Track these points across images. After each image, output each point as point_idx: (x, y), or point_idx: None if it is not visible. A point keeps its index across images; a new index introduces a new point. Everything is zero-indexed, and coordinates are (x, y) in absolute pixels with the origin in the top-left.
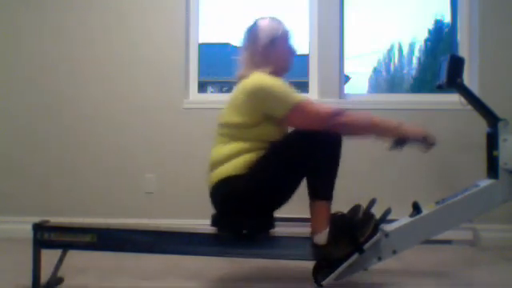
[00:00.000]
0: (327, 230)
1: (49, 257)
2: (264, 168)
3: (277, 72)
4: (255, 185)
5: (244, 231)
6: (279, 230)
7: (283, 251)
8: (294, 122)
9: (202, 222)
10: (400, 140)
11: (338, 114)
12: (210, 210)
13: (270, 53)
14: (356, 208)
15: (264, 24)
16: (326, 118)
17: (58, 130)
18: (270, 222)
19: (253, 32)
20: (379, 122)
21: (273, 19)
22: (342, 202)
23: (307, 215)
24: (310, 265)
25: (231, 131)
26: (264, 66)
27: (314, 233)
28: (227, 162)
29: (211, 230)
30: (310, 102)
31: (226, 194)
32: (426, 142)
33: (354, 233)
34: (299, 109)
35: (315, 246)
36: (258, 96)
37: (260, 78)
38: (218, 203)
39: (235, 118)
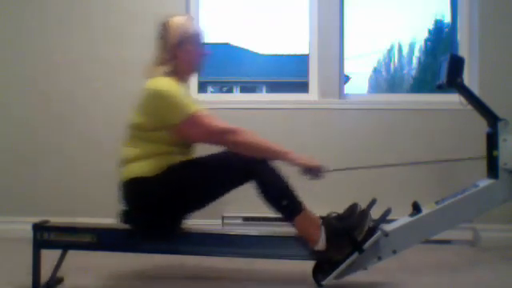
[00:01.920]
0: (323, 235)
1: (49, 257)
2: (183, 174)
3: (183, 72)
4: (166, 188)
5: (152, 230)
6: (278, 229)
7: (283, 251)
8: (186, 134)
9: (202, 221)
10: (307, 170)
11: (230, 131)
12: (209, 209)
13: (178, 52)
14: (353, 207)
15: (176, 22)
16: (218, 134)
17: (58, 129)
18: (178, 222)
19: (164, 28)
20: (270, 147)
21: (186, 18)
22: (342, 201)
23: (313, 213)
24: (310, 265)
25: (137, 133)
26: (170, 64)
27: (311, 245)
28: (137, 162)
29: (211, 229)
30: (204, 116)
31: (135, 193)
32: (314, 173)
33: (351, 233)
34: (192, 121)
35: (316, 252)
36: (155, 101)
37: (160, 83)
38: (127, 201)
39: (139, 120)
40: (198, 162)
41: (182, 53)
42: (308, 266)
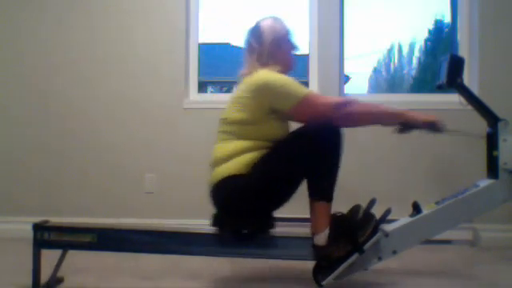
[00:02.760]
0: (327, 230)
1: (49, 257)
2: (265, 168)
3: (283, 70)
4: (256, 185)
5: (244, 231)
6: (279, 230)
7: (283, 251)
8: (303, 115)
9: (202, 221)
10: (407, 125)
11: (345, 103)
12: (209, 209)
13: (276, 52)
14: (356, 208)
15: (267, 24)
16: (334, 109)
17: (58, 129)
18: (270, 222)
19: (257, 33)
20: (386, 109)
21: (275, 19)
22: (342, 202)
23: (307, 215)
24: (310, 265)
25: (234, 128)
26: (271, 65)
27: (314, 233)
28: (230, 161)
29: (211, 230)
30: (316, 95)
31: (227, 193)
32: (435, 127)
33: (354, 233)
34: (307, 101)
35: (315, 247)
36: (264, 91)
37: (265, 74)
38: (219, 202)
39: (239, 115)
40: (278, 152)
41: (279, 52)
42: (308, 265)
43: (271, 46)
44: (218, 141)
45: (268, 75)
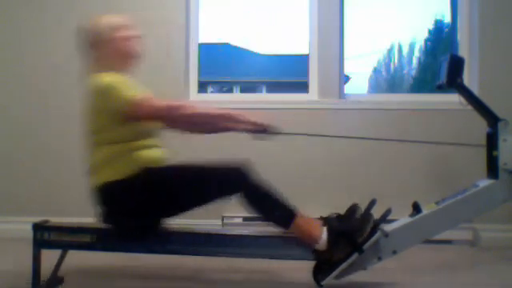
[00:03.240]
0: (324, 235)
1: (49, 257)
2: (161, 186)
3: (123, 62)
4: (142, 193)
5: (132, 229)
6: (279, 229)
7: (283, 251)
8: (137, 116)
9: (202, 221)
10: (257, 130)
11: (175, 107)
12: (210, 209)
13: (108, 45)
14: (353, 207)
15: (95, 21)
16: (167, 110)
17: (58, 129)
18: (155, 224)
19: (86, 31)
20: (215, 114)
21: (105, 15)
22: (342, 202)
23: (307, 215)
24: (310, 265)
25: (96, 137)
26: (107, 60)
27: (313, 245)
28: (104, 167)
29: (211, 230)
30: (149, 97)
31: (107, 198)
32: (265, 131)
33: (352, 233)
34: (138, 103)
35: (316, 252)
36: (98, 96)
37: (97, 79)
38: (103, 205)
39: (92, 124)
40: (182, 170)
41: (111, 45)
42: (308, 265)
43: (102, 41)
44: (88, 151)
45: (99, 79)
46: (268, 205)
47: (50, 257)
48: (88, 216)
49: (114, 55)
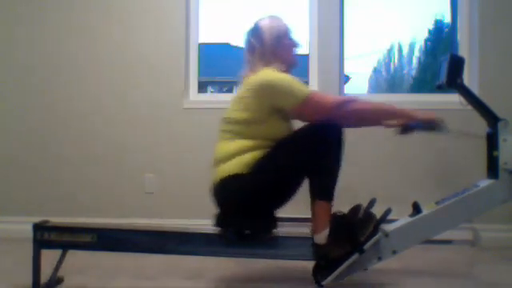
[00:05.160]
0: (327, 230)
1: (49, 257)
2: (267, 167)
3: (286, 68)
4: (258, 184)
5: (247, 231)
6: (280, 229)
7: (283, 251)
8: (306, 114)
9: (202, 221)
10: (407, 127)
11: (347, 102)
12: (210, 209)
13: (277, 50)
14: (356, 208)
15: (267, 23)
16: (337, 107)
17: (58, 129)
18: (273, 222)
19: (257, 32)
20: (388, 107)
21: (274, 18)
22: (342, 202)
23: (307, 215)
24: (310, 265)
25: (236, 128)
26: (273, 64)
27: (314, 232)
28: (231, 160)
29: (211, 230)
30: (319, 94)
31: (229, 192)
32: (435, 127)
33: (354, 233)
34: (309, 100)
35: (315, 246)
36: (267, 90)
37: (268, 74)
38: (221, 202)
39: (242, 114)
40: (280, 151)
41: (281, 50)
42: (308, 265)
43: (272, 45)
44: (219, 140)
45: (270, 74)
46: (332, 170)
47: (50, 257)
48: (88, 216)
49: (281, 60)
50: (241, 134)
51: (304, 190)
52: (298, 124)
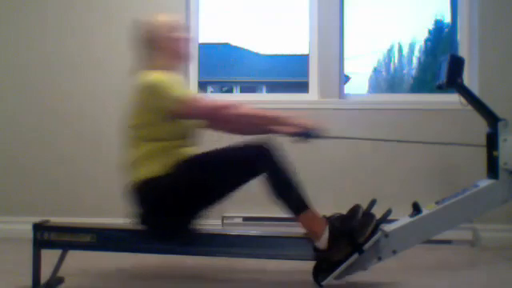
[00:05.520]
0: (326, 234)
1: (49, 257)
2: (196, 173)
3: (175, 63)
4: (178, 186)
5: (168, 229)
6: (280, 229)
7: (283, 251)
8: (185, 115)
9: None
10: (302, 135)
11: (226, 106)
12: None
13: (166, 44)
14: (356, 208)
15: (155, 19)
16: (218, 109)
17: (58, 129)
18: (194, 221)
19: (143, 28)
20: (266, 115)
21: (161, 14)
22: (342, 201)
23: (317, 212)
24: (309, 265)
25: (138, 132)
26: (160, 60)
27: (313, 241)
28: (144, 163)
29: (211, 230)
30: (198, 97)
31: (147, 195)
32: (310, 134)
33: (353, 234)
34: (187, 102)
35: (316, 250)
36: (148, 93)
37: (148, 76)
38: (140, 203)
39: (137, 119)
40: (209, 158)
41: (166, 45)
42: (308, 265)
43: (160, 39)
44: (128, 146)
45: (150, 76)
46: (287, 187)
47: (50, 257)
48: (88, 216)
49: (168, 55)
50: (144, 137)
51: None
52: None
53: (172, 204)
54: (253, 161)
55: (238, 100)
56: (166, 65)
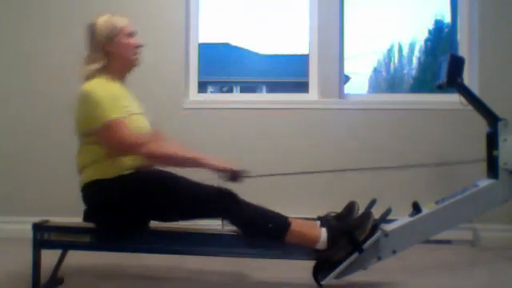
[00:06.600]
0: (324, 235)
1: (49, 257)
2: (149, 194)
3: (119, 68)
4: (120, 191)
5: (116, 227)
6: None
7: (283, 251)
8: (103, 139)
9: (201, 221)
10: (225, 174)
11: (142, 144)
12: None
13: (109, 48)
14: (351, 205)
15: (102, 20)
16: (130, 147)
17: (58, 129)
18: (142, 219)
19: (91, 29)
20: (183, 156)
21: (112, 16)
22: (342, 201)
23: (308, 215)
24: (310, 264)
25: (83, 138)
26: (102, 62)
27: (312, 246)
28: (90, 167)
29: (211, 229)
30: (121, 126)
31: (91, 195)
32: (233, 176)
33: (352, 232)
34: (108, 129)
35: (317, 251)
36: (82, 105)
37: (89, 85)
38: (88, 202)
39: (79, 126)
40: (170, 183)
41: (113, 48)
42: (308, 265)
43: (105, 42)
44: (77, 151)
45: (89, 86)
46: (257, 225)
47: (50, 257)
48: None
49: (115, 59)
50: (90, 143)
51: (301, 190)
52: None
53: (114, 206)
54: (214, 202)
55: (238, 100)
56: (112, 70)
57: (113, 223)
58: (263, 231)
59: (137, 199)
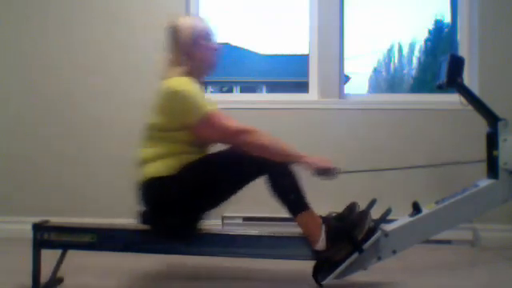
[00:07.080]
0: (323, 235)
1: (49, 257)
2: (199, 174)
3: (199, 71)
4: (185, 186)
5: (174, 229)
6: (280, 229)
7: (283, 251)
8: (202, 134)
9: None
10: (320, 171)
11: (244, 132)
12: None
13: (192, 51)
14: (352, 206)
15: (185, 23)
16: (232, 135)
17: (58, 129)
18: (197, 222)
19: (174, 31)
20: (283, 149)
21: (194, 18)
22: (342, 202)
23: (317, 214)
24: (309, 265)
25: (156, 133)
26: (185, 65)
27: (311, 243)
28: (156, 162)
29: (211, 230)
30: (219, 116)
31: (155, 192)
32: (330, 173)
33: (351, 232)
34: (207, 121)
35: (316, 252)
36: (172, 101)
37: (177, 83)
38: (148, 201)
39: (159, 121)
40: (212, 159)
41: (196, 52)
42: (308, 265)
43: (187, 44)
44: (144, 145)
45: (179, 84)
46: (287, 187)
47: (50, 257)
48: (88, 216)
49: (197, 62)
50: (163, 139)
51: (305, 191)
52: None
53: (176, 204)
54: (255, 162)
55: (238, 100)
56: (192, 71)
57: (173, 223)
58: (285, 198)
59: (191, 192)
